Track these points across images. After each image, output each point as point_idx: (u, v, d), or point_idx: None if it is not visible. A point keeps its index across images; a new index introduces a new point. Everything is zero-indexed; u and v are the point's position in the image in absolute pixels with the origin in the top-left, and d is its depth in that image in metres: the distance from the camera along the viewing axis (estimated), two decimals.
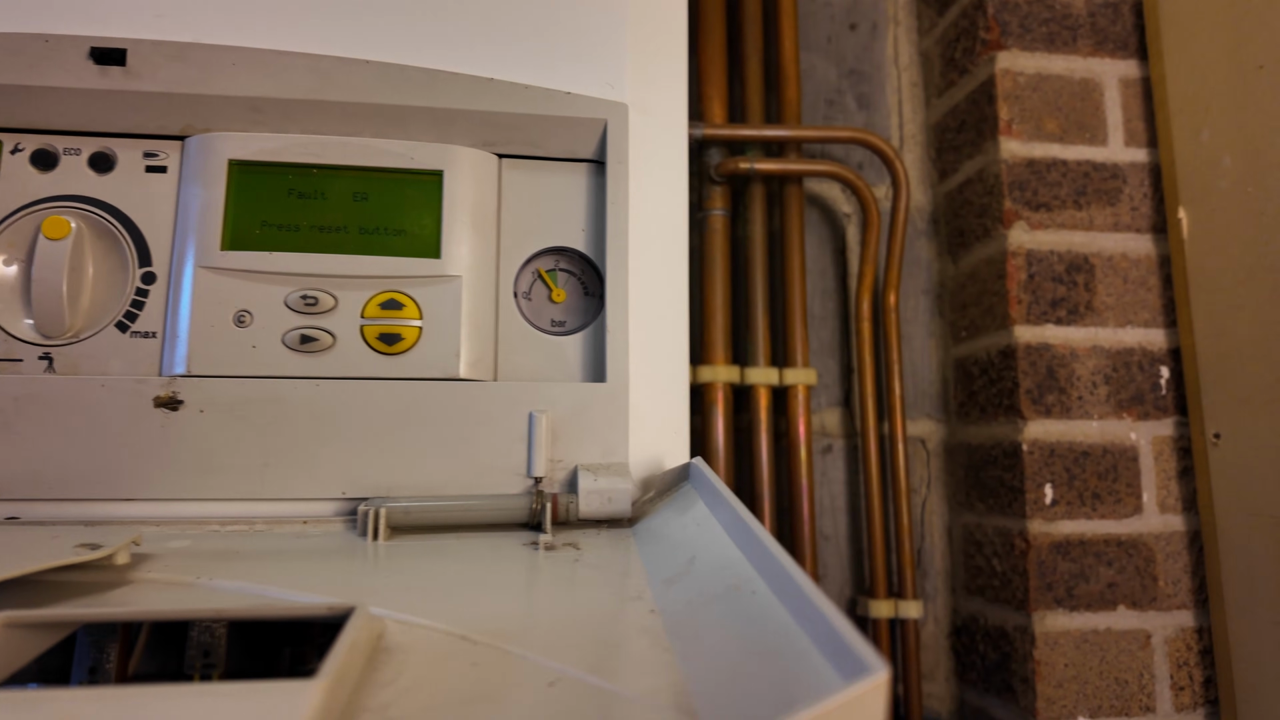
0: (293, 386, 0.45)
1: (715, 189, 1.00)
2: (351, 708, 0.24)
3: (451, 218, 0.48)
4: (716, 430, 0.96)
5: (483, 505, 0.44)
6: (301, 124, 0.48)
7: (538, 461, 0.45)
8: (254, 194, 0.48)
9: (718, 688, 0.24)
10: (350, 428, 0.45)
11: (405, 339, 0.47)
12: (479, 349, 0.47)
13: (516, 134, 0.50)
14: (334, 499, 0.45)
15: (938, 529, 1.05)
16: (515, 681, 0.26)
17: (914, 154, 1.13)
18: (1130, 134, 0.98)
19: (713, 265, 0.99)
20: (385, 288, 0.47)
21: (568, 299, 0.50)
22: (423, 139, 0.49)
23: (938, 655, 1.02)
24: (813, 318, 1.07)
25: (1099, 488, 0.91)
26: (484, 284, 0.48)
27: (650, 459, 0.47)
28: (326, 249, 0.47)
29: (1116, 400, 0.92)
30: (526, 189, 0.50)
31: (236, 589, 0.35)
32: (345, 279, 0.47)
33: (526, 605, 0.33)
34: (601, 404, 0.46)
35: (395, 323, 0.46)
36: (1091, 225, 0.96)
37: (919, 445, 1.06)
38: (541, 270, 0.50)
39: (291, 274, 0.47)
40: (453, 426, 0.45)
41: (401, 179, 0.49)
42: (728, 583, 0.30)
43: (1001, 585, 0.93)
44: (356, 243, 0.47)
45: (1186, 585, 0.90)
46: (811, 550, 0.96)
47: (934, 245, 1.11)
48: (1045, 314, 0.93)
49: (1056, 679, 0.87)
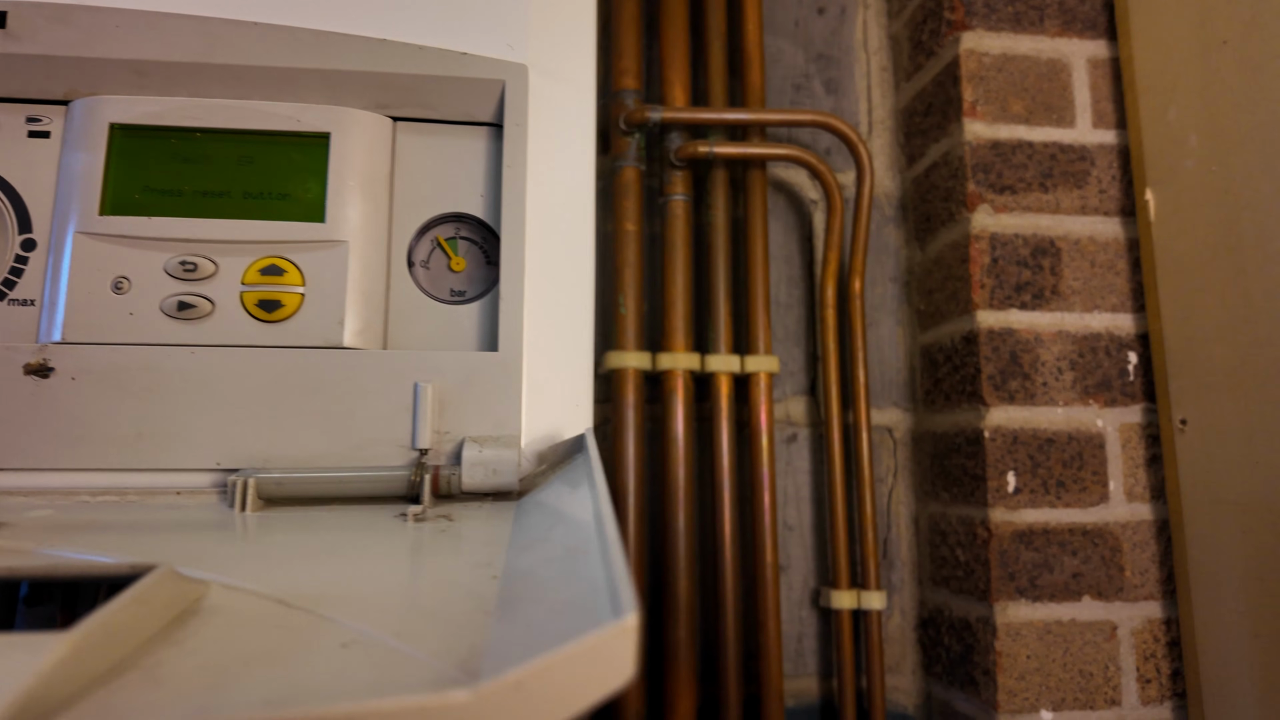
0: (167, 354, 0.44)
1: (676, 174, 0.99)
2: (122, 664, 0.23)
3: (339, 182, 0.46)
4: (676, 418, 0.94)
5: (359, 477, 0.42)
6: (188, 87, 0.47)
7: (422, 433, 0.43)
8: (136, 158, 0.46)
9: (512, 644, 0.22)
10: (227, 397, 0.44)
11: (286, 306, 0.45)
12: (366, 317, 0.46)
13: (411, 96, 0.48)
14: (210, 470, 0.44)
15: (904, 520, 1.03)
16: (310, 643, 0.24)
17: (883, 139, 1.11)
18: (1099, 115, 0.96)
19: (674, 251, 0.98)
20: (267, 253, 0.45)
21: (468, 268, 0.48)
22: (314, 101, 0.47)
23: (904, 648, 1.00)
24: (778, 306, 1.05)
25: (1064, 475, 0.89)
26: (374, 250, 0.46)
27: (548, 433, 0.45)
28: (209, 214, 0.46)
29: (1083, 386, 0.90)
30: (423, 153, 0.49)
31: (69, 556, 0.33)
32: (226, 244, 0.46)
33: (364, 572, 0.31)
34: (493, 374, 0.44)
35: (275, 289, 0.45)
36: (1058, 208, 0.94)
37: (886, 435, 1.04)
38: (441, 238, 0.48)
39: (171, 239, 0.45)
40: (335, 397, 0.44)
41: (287, 142, 0.47)
42: (570, 545, 0.29)
43: (965, 576, 0.91)
44: (240, 208, 0.46)
45: (1155, 576, 0.88)
46: (772, 540, 0.94)
47: (902, 232, 1.09)
48: (1009, 299, 0.91)
49: (1018, 671, 0.85)
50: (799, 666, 0.99)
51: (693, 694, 0.90)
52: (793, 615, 0.99)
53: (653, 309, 1.02)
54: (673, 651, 0.90)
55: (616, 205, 0.98)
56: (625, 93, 0.98)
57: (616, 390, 0.94)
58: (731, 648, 0.92)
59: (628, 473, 0.92)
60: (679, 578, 0.91)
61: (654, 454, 0.99)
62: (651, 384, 1.00)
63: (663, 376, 0.96)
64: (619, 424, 0.93)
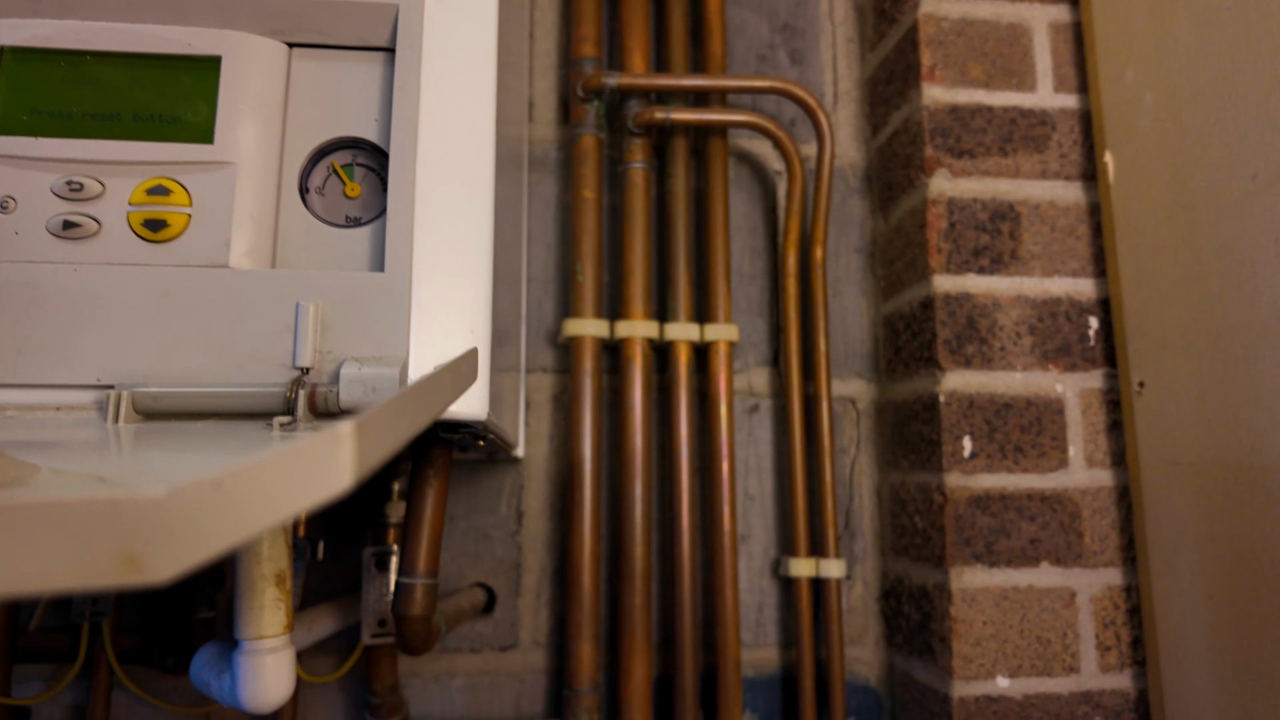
0: (50, 272, 0.44)
1: (635, 142, 0.98)
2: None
3: (229, 105, 0.46)
4: (634, 386, 0.94)
5: (235, 393, 0.42)
6: (80, 11, 0.47)
7: (303, 352, 0.43)
8: (26, 80, 0.46)
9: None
10: (110, 315, 0.43)
11: (172, 226, 0.45)
12: (254, 239, 0.46)
13: (304, 22, 0.48)
14: (90, 387, 0.43)
15: (867, 491, 1.02)
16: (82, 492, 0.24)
17: (848, 110, 1.10)
18: (1060, 80, 0.95)
19: (632, 219, 0.97)
20: (154, 174, 0.45)
21: (364, 195, 0.48)
22: (206, 26, 0.47)
23: (867, 620, 0.99)
24: (742, 277, 1.05)
25: (1022, 441, 0.88)
26: (265, 174, 0.46)
27: (438, 357, 0.45)
28: (98, 136, 0.46)
29: (1042, 351, 0.89)
30: (318, 79, 0.49)
31: None
32: (114, 165, 0.46)
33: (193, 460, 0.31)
34: (379, 296, 0.44)
35: (162, 209, 0.45)
36: (1018, 173, 0.93)
37: (849, 406, 1.03)
38: (336, 164, 0.48)
39: (59, 160, 0.45)
40: (218, 315, 0.44)
41: (178, 65, 0.47)
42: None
43: (923, 543, 0.90)
44: (129, 129, 0.46)
45: (1115, 542, 0.87)
46: (730, 509, 0.93)
47: (867, 203, 1.08)
48: (966, 263, 0.90)
49: (974, 637, 0.84)
50: (759, 637, 0.98)
51: (647, 660, 0.89)
52: (753, 585, 0.99)
53: (613, 279, 1.02)
54: (627, 617, 0.90)
55: (575, 173, 0.97)
56: (584, 60, 0.98)
57: (574, 358, 0.94)
58: (688, 615, 0.91)
59: (584, 440, 0.92)
60: (634, 544, 0.91)
61: (614, 425, 0.98)
62: (612, 355, 1.00)
63: (621, 344, 0.96)
64: (576, 392, 0.93)
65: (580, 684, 0.88)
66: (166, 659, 0.84)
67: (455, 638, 0.94)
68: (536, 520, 0.98)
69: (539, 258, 1.02)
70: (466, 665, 0.94)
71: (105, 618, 0.81)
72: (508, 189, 0.83)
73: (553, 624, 0.96)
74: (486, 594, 0.95)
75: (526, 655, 0.95)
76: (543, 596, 0.96)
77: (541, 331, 1.01)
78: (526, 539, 0.97)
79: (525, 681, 0.94)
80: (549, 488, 0.98)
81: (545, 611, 0.96)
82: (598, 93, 0.95)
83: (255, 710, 0.54)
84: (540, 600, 0.96)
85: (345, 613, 0.80)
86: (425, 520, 0.63)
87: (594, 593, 0.89)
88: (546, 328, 1.01)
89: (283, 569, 0.54)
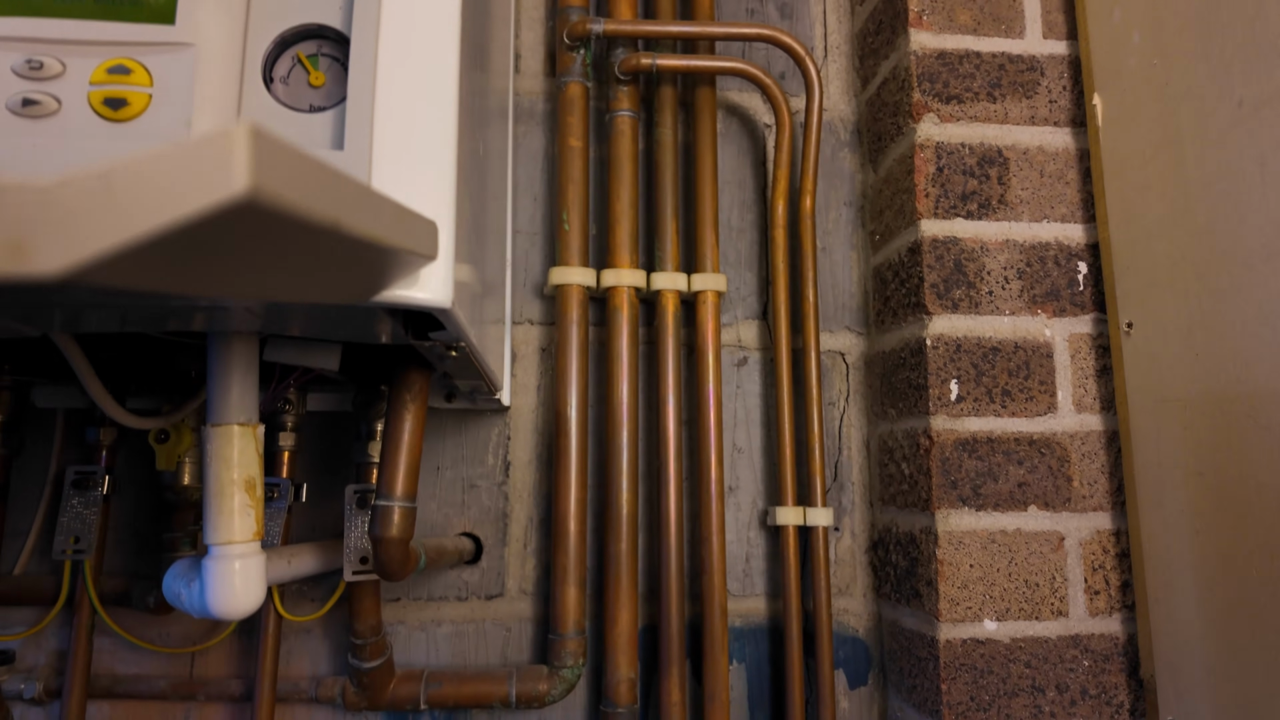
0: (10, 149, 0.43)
1: (622, 89, 0.98)
2: None
3: None
4: (621, 335, 0.93)
5: None
6: None
7: None
8: None
9: None
10: None
11: (132, 105, 0.45)
12: (216, 120, 0.45)
13: None
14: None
15: (856, 443, 1.01)
16: None
17: (839, 64, 1.09)
18: (1049, 26, 0.94)
19: (619, 167, 0.97)
20: (115, 54, 0.45)
21: (328, 84, 0.48)
22: None
23: (855, 571, 0.99)
24: (731, 229, 1.04)
25: (1010, 385, 0.87)
26: (227, 57, 0.46)
27: None
28: (59, 15, 0.46)
29: (1030, 296, 0.88)
30: None
31: None
32: (75, 44, 0.45)
33: None
34: None
35: (122, 88, 0.45)
36: (1006, 118, 0.92)
37: (839, 359, 1.03)
38: (301, 54, 0.48)
39: (19, 39, 0.45)
40: None
41: None
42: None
43: (910, 489, 0.89)
44: (90, 9, 0.46)
45: (1104, 487, 0.86)
46: (717, 458, 0.92)
47: (858, 156, 1.07)
48: (954, 208, 0.89)
49: (961, 580, 0.83)
50: (747, 587, 0.97)
51: (634, 606, 0.89)
52: (740, 536, 0.98)
53: (600, 229, 1.01)
54: (613, 563, 0.89)
55: (561, 121, 0.97)
56: (571, 9, 0.98)
57: (560, 308, 0.93)
58: (674, 565, 0.90)
59: (569, 389, 0.91)
60: (621, 493, 0.90)
61: (601, 377, 0.98)
62: (599, 308, 0.99)
63: (608, 294, 0.95)
64: (562, 341, 0.92)
65: (565, 628, 0.87)
66: (149, 599, 0.83)
67: (441, 585, 0.94)
68: (523, 471, 0.97)
69: (525, 210, 1.02)
70: (453, 613, 0.94)
71: (86, 556, 0.81)
72: (494, 140, 0.82)
73: (539, 573, 0.95)
74: (474, 543, 0.95)
75: (513, 603, 0.94)
76: (530, 546, 0.96)
77: (528, 284, 1.01)
78: (513, 489, 0.97)
79: (511, 629, 0.94)
80: (536, 439, 0.98)
81: (532, 561, 0.95)
82: (584, 39, 0.95)
83: (224, 617, 0.53)
84: (527, 550, 0.96)
85: (328, 555, 0.80)
86: (403, 443, 0.63)
87: (580, 539, 0.89)
88: (533, 280, 1.01)
89: (252, 475, 0.54)
